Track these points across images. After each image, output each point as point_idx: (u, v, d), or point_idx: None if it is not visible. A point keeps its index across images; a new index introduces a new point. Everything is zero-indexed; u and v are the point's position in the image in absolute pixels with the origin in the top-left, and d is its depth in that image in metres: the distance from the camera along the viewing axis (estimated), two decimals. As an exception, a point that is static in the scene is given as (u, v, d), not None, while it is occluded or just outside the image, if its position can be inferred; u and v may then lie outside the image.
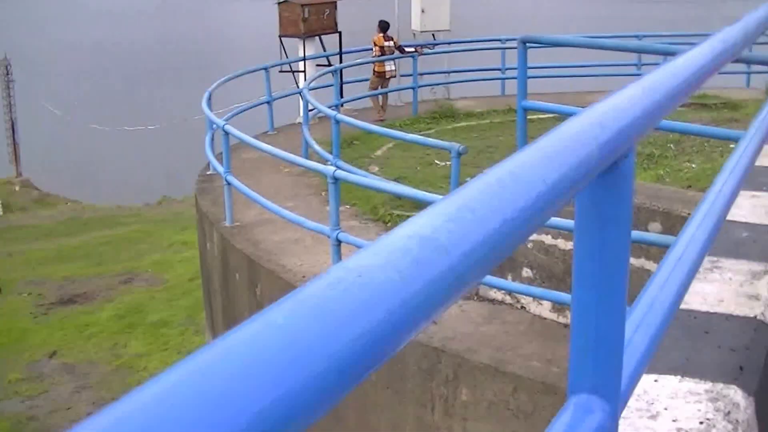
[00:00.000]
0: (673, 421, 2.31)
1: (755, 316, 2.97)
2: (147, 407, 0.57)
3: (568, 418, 1.39)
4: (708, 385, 2.51)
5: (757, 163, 4.88)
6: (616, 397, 1.47)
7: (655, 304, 1.75)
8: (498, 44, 21.21)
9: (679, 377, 2.54)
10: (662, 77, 1.61)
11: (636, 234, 7.18)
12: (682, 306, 3.02)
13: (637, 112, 1.34)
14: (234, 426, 0.57)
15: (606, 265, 1.37)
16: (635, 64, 20.05)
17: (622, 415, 2.30)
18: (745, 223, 3.95)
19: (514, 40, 9.05)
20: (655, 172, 11.69)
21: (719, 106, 17.87)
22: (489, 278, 8.62)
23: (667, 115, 1.67)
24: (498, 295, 9.15)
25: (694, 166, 11.67)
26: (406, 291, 0.73)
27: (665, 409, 2.37)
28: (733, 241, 3.70)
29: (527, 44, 7.70)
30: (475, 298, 9.24)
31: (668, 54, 10.47)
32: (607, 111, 1.26)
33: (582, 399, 1.42)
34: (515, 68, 8.32)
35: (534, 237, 8.57)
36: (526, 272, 8.75)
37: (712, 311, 3.00)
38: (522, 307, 9.00)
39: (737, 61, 11.27)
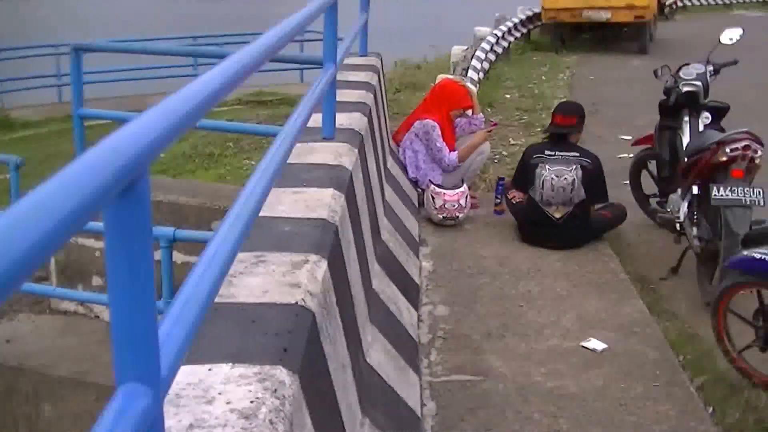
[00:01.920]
0: (227, 403, 2.51)
1: (296, 303, 3.24)
2: None
3: (118, 404, 1.55)
4: (257, 368, 2.73)
5: (297, 161, 5.24)
6: (157, 382, 1.65)
7: (191, 299, 1.93)
8: (52, 50, 20.78)
9: (231, 365, 2.74)
10: (179, 101, 1.78)
11: (198, 234, 7.37)
12: (231, 299, 3.25)
13: (151, 137, 1.51)
14: None
15: (133, 267, 1.54)
16: (192, 65, 20.32)
17: (181, 403, 2.50)
18: (287, 218, 4.24)
19: (68, 45, 8.94)
20: (216, 172, 11.96)
21: (275, 102, 18.40)
22: (60, 290, 8.50)
23: (184, 132, 1.87)
24: (71, 306, 9.03)
25: (252, 163, 12.01)
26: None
27: (220, 393, 2.56)
28: (276, 236, 3.97)
29: (81, 51, 7.67)
30: (48, 312, 9.09)
31: (216, 57, 10.67)
32: (123, 138, 1.42)
33: (128, 387, 1.59)
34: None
35: (101, 245, 8.56)
36: (96, 281, 8.70)
37: (258, 302, 3.22)
38: (96, 316, 8.94)
39: (287, 61, 11.60)
